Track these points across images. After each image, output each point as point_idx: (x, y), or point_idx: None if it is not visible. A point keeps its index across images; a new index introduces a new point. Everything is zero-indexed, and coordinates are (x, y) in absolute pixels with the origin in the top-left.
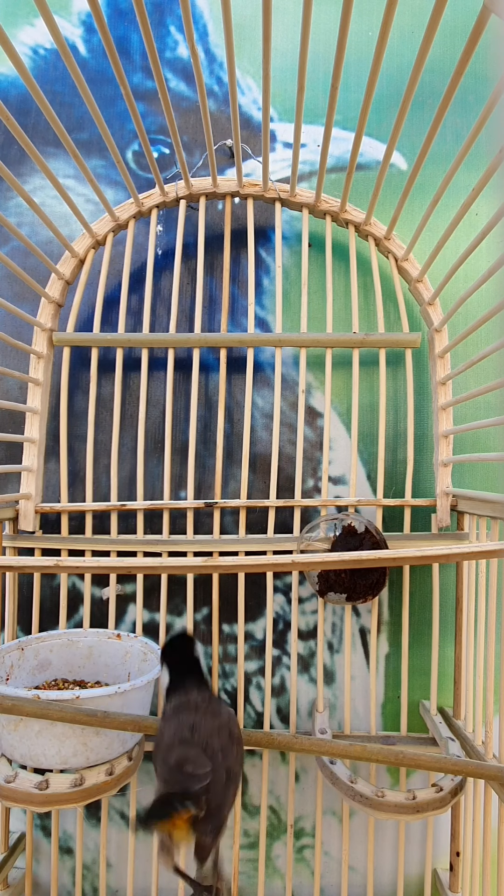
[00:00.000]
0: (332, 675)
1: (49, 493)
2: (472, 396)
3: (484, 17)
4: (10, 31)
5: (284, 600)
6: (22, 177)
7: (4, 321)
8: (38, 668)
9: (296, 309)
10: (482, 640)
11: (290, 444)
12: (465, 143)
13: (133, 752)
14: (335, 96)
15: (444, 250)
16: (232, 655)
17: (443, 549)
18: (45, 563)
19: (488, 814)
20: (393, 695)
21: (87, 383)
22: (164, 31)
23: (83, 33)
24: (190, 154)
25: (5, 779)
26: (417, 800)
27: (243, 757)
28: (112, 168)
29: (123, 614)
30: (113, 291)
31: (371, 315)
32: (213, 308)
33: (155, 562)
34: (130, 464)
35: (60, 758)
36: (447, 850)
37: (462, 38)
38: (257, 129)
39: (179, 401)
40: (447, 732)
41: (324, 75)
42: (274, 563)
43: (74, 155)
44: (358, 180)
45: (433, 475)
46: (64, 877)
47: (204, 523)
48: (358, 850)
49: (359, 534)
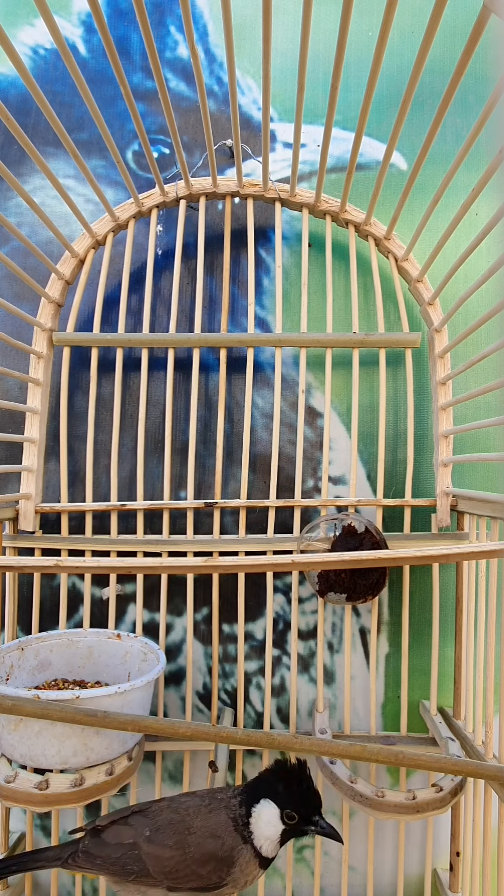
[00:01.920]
0: (332, 675)
1: (49, 493)
2: (472, 396)
3: (484, 17)
4: (10, 31)
5: (284, 600)
6: (22, 177)
7: (4, 321)
8: (38, 668)
9: (296, 309)
10: (482, 640)
11: (290, 444)
12: (465, 143)
13: (133, 752)
14: (335, 96)
15: (444, 250)
16: (232, 655)
17: (443, 549)
18: (45, 563)
19: (488, 814)
20: (393, 695)
21: (87, 383)
22: (164, 31)
23: (83, 33)
24: (190, 154)
25: (5, 779)
26: (417, 800)
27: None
28: (112, 168)
29: (123, 614)
30: (113, 291)
31: (371, 315)
32: (213, 308)
33: (155, 562)
34: (130, 464)
35: (60, 758)
36: (447, 850)
37: (462, 38)
38: (257, 129)
39: (179, 401)
40: (447, 732)
41: (324, 75)
42: (274, 563)
43: (74, 155)
44: (358, 180)
45: (433, 475)
46: (64, 877)
47: (204, 523)
48: (358, 850)
49: (359, 534)
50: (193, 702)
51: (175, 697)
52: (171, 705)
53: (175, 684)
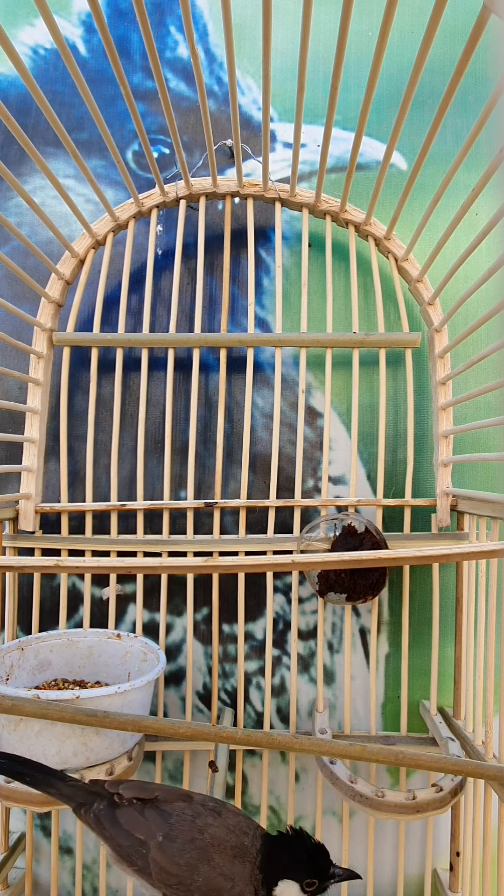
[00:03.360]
0: (332, 675)
1: (49, 493)
2: (472, 396)
3: (484, 17)
4: (10, 31)
5: (284, 600)
6: (22, 177)
7: (4, 321)
8: (38, 668)
9: (296, 309)
10: (482, 640)
11: (290, 444)
12: (465, 143)
13: (133, 752)
14: (335, 96)
15: (444, 250)
16: (232, 655)
17: (443, 549)
18: (45, 563)
19: (488, 814)
20: (393, 695)
21: (87, 383)
22: (164, 31)
23: (83, 33)
24: (190, 154)
25: (5, 779)
26: (417, 800)
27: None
28: (112, 168)
29: (123, 614)
30: (113, 291)
31: (371, 315)
32: (213, 308)
33: (155, 562)
34: (130, 464)
35: (60, 758)
36: (447, 850)
37: (462, 38)
38: (257, 129)
39: (179, 401)
40: (447, 732)
41: (324, 75)
42: (274, 563)
43: (74, 155)
44: (358, 180)
45: (433, 475)
46: (64, 877)
47: (204, 523)
48: (358, 850)
49: (359, 534)
50: (193, 702)
51: (175, 697)
52: (171, 705)
53: (175, 684)
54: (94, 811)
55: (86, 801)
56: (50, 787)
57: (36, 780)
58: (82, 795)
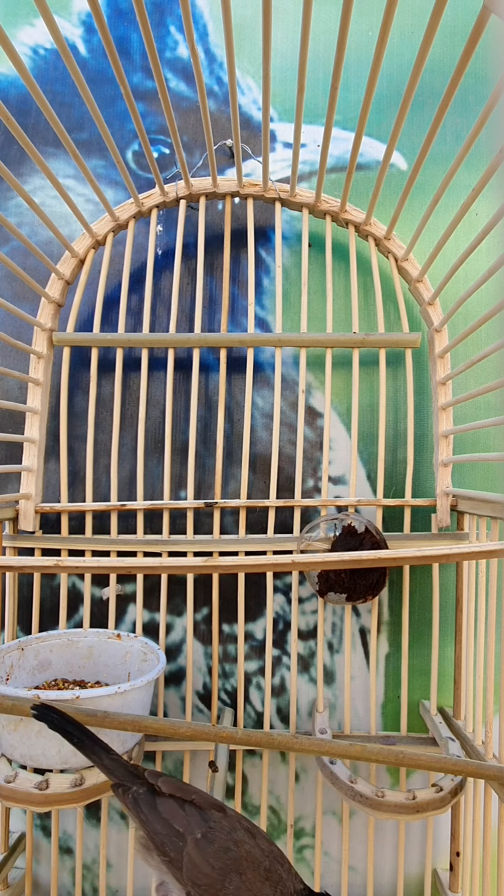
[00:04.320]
0: (332, 675)
1: (49, 493)
2: (472, 396)
3: (484, 17)
4: (10, 31)
5: (284, 600)
6: (22, 177)
7: (4, 321)
8: (38, 668)
9: (296, 309)
10: (482, 640)
11: (290, 444)
12: (465, 143)
13: (133, 752)
14: (335, 96)
15: (444, 250)
16: (232, 655)
17: (443, 549)
18: (45, 563)
19: (488, 814)
20: (393, 695)
21: (87, 383)
22: (164, 31)
23: (83, 33)
24: (190, 154)
25: (5, 779)
26: (417, 800)
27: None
28: (112, 168)
29: (123, 614)
30: (113, 291)
31: (371, 315)
32: (213, 308)
33: (155, 562)
34: (130, 464)
35: (60, 758)
36: (447, 850)
37: (462, 38)
38: (257, 129)
39: (179, 401)
40: (447, 732)
41: (324, 75)
42: (274, 563)
43: (74, 155)
44: (358, 180)
45: (433, 475)
46: (64, 877)
47: (204, 523)
48: (358, 850)
49: (359, 534)
50: (193, 702)
51: (175, 697)
52: (171, 705)
53: (175, 684)
54: (132, 793)
55: (125, 781)
56: (94, 754)
57: (83, 743)
58: (122, 773)
